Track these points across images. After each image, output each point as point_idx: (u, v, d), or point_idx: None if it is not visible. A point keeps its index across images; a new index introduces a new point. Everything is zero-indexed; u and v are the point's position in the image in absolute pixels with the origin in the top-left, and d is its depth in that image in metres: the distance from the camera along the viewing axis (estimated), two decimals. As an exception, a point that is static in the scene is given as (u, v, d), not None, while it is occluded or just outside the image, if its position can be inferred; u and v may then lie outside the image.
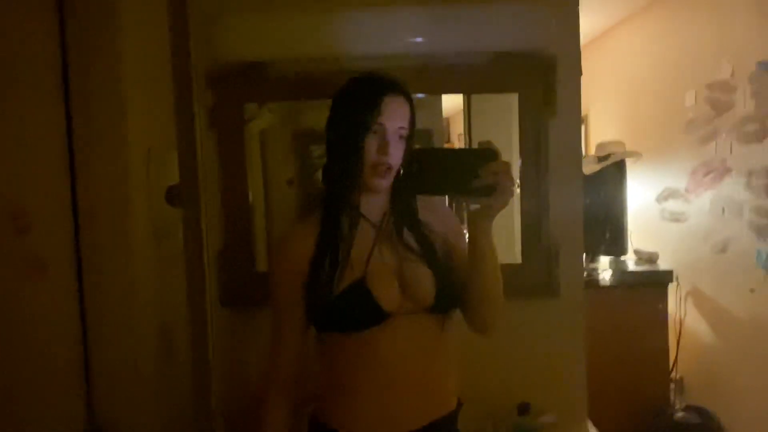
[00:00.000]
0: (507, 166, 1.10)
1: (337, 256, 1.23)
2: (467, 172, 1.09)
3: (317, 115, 2.42)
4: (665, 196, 3.70)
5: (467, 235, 1.22)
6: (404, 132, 1.24)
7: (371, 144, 1.21)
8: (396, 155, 1.23)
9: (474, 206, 1.16)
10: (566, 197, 1.99)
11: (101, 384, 1.55)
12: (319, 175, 2.34)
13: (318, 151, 2.34)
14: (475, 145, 2.25)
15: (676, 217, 3.68)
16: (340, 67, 1.87)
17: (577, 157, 2.04)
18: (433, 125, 2.29)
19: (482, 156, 1.11)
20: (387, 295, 1.21)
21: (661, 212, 3.75)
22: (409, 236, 1.29)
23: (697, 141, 3.42)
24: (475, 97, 2.24)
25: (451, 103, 2.32)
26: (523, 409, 1.69)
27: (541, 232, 1.97)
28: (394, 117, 1.22)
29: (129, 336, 1.56)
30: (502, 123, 2.12)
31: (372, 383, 1.23)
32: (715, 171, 3.31)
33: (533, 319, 1.94)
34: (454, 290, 1.27)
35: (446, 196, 1.57)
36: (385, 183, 1.23)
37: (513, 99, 1.99)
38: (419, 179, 1.14)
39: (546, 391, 1.95)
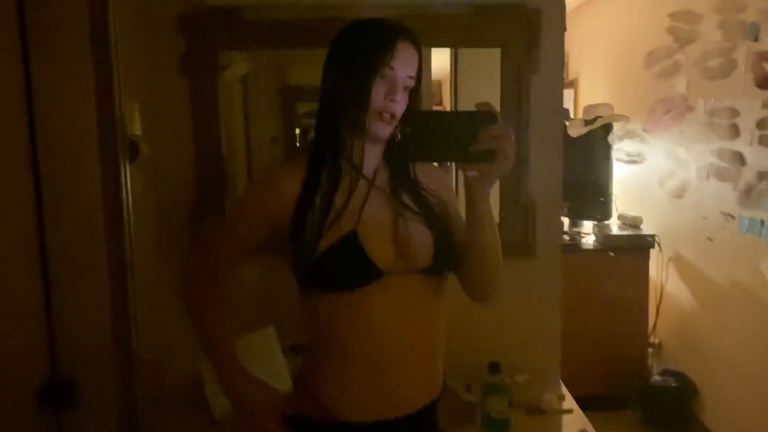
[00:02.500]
0: (508, 129, 1.03)
1: (326, 204, 1.15)
2: (465, 136, 1.01)
3: (303, 70, 2.38)
4: (621, 135, 3.64)
5: (465, 202, 1.14)
6: (411, 82, 1.17)
7: (379, 88, 1.14)
8: (401, 104, 1.16)
9: (472, 173, 1.08)
10: (546, 155, 1.96)
11: (63, 332, 1.52)
12: (302, 131, 2.35)
13: (303, 108, 2.29)
14: (464, 106, 2.20)
15: (632, 159, 3.63)
16: (320, 15, 1.81)
17: (558, 114, 1.99)
18: (422, 86, 2.22)
19: (481, 119, 1.02)
20: (380, 251, 1.14)
21: (616, 152, 3.71)
22: (404, 193, 1.22)
23: (657, 75, 3.31)
24: (462, 57, 2.18)
25: (441, 64, 2.25)
26: (494, 368, 1.67)
27: (519, 190, 1.94)
28: (404, 64, 1.15)
29: (92, 283, 1.53)
30: (490, 83, 2.06)
31: (362, 351, 1.16)
32: (675, 109, 3.21)
33: (509, 278, 1.87)
34: (453, 249, 1.20)
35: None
36: (386, 132, 1.16)
37: (498, 57, 1.94)
38: (413, 145, 1.07)
39: (519, 351, 1.95)
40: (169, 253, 1.91)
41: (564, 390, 1.93)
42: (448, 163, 1.55)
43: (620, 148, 3.65)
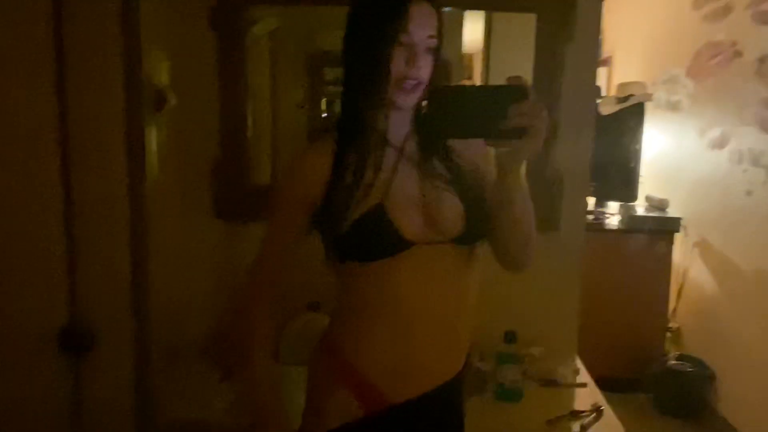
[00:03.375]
0: (540, 106, 0.97)
1: (354, 180, 1.13)
2: (494, 112, 0.96)
3: (331, 35, 2.35)
4: (664, 80, 3.51)
5: (496, 176, 1.09)
6: (433, 43, 1.11)
7: (398, 57, 1.09)
8: (425, 69, 1.11)
9: (502, 149, 1.03)
10: (576, 129, 1.92)
11: (84, 280, 1.54)
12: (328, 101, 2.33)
13: (330, 74, 2.27)
14: (496, 81, 2.15)
15: (672, 106, 3.52)
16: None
17: (591, 86, 1.95)
18: (453, 57, 2.17)
19: (511, 94, 0.96)
20: (408, 222, 1.11)
21: (656, 101, 3.60)
22: (435, 161, 1.18)
23: (705, 17, 3.15)
24: (495, 29, 2.12)
25: (474, 37, 2.19)
26: (510, 337, 1.67)
27: (546, 163, 1.90)
28: (422, 26, 1.09)
29: (113, 234, 1.54)
30: (522, 57, 2.01)
31: (390, 319, 1.14)
32: (722, 54, 3.07)
33: (530, 251, 1.90)
34: (484, 220, 1.16)
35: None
36: (411, 100, 1.12)
37: (532, 30, 1.89)
38: (439, 121, 1.02)
39: (536, 323, 1.93)
40: (189, 208, 1.92)
41: (579, 364, 1.92)
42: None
43: (661, 96, 3.52)
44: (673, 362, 3.36)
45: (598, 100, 3.71)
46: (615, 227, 3.54)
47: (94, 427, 1.57)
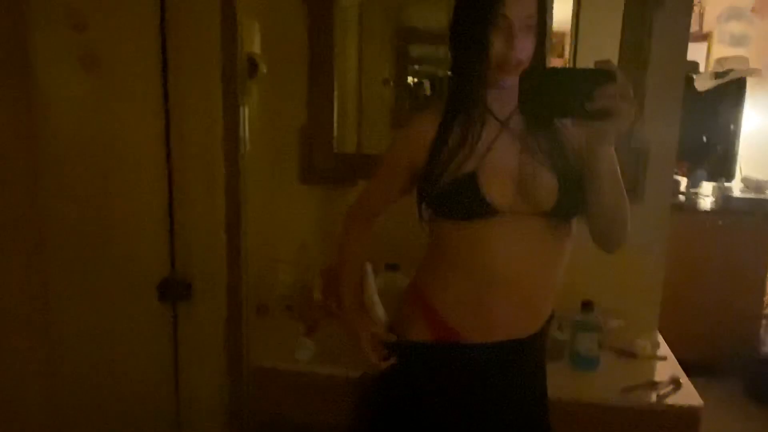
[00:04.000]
0: (626, 88, 0.99)
1: (454, 148, 1.19)
2: (580, 94, 0.99)
3: (418, 12, 2.38)
4: (727, 16, 3.35)
5: (586, 155, 1.12)
6: (532, 21, 1.13)
7: (497, 38, 1.12)
8: (526, 48, 1.14)
9: (589, 130, 1.06)
10: (664, 99, 1.87)
11: (183, 235, 1.66)
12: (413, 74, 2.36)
13: (417, 51, 2.31)
14: (584, 60, 2.11)
15: (737, 42, 3.35)
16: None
17: (681, 55, 1.89)
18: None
19: (598, 77, 0.99)
20: (498, 191, 1.16)
21: (719, 34, 3.43)
22: (538, 136, 1.21)
23: None
24: (584, 7, 2.08)
25: (563, 17, 2.16)
26: (587, 306, 1.66)
27: (631, 134, 1.87)
28: (518, 6, 1.11)
29: (210, 191, 1.65)
30: (611, 37, 1.96)
31: (477, 275, 1.21)
32: None
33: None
34: (578, 197, 1.18)
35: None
36: (512, 79, 1.13)
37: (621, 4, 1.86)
38: (530, 101, 1.04)
39: (618, 295, 1.91)
40: (277, 172, 2.02)
41: (660, 339, 1.89)
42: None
43: (724, 30, 3.38)
44: (767, 349, 3.21)
45: (695, 76, 3.55)
46: (708, 208, 3.39)
47: (189, 370, 1.71)
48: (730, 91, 3.46)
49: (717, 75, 3.43)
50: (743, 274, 3.34)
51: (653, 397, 1.55)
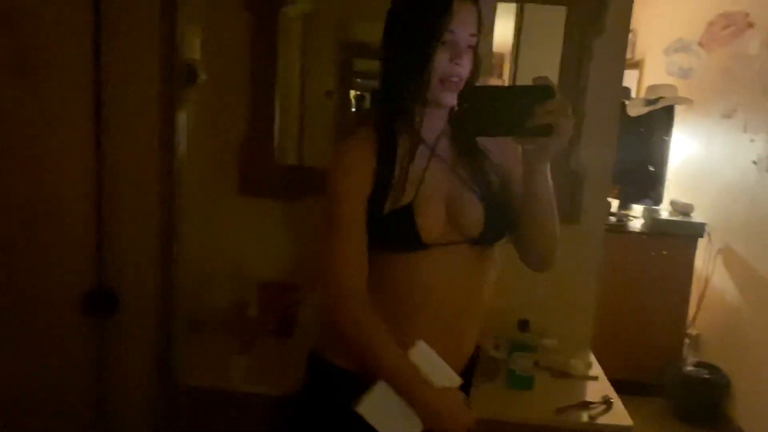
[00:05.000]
0: (565, 104, 1.00)
1: (393, 176, 1.16)
2: (521, 111, 1.00)
3: (363, 27, 2.38)
4: (675, 48, 3.54)
5: (523, 174, 1.13)
6: (473, 41, 1.14)
7: (442, 54, 1.11)
8: (466, 66, 1.14)
9: (529, 147, 1.07)
10: (601, 123, 1.92)
11: (112, 246, 1.59)
12: (356, 88, 2.35)
13: (361, 65, 2.30)
14: (524, 80, 2.14)
15: (684, 74, 3.54)
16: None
17: (618, 81, 1.95)
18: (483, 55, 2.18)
19: (538, 94, 1.00)
20: (431, 224, 1.15)
21: (668, 66, 3.61)
22: (464, 161, 1.22)
23: None
24: (525, 29, 2.12)
25: (503, 39, 2.19)
26: (523, 325, 1.68)
27: (568, 156, 1.91)
28: (465, 23, 1.11)
29: (142, 202, 1.59)
30: (551, 57, 2.01)
31: (403, 309, 1.18)
32: (735, 25, 3.10)
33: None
34: (502, 223, 1.20)
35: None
36: (453, 97, 1.14)
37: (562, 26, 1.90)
38: (470, 120, 1.05)
39: (551, 315, 1.94)
40: (216, 183, 1.97)
41: (592, 359, 1.92)
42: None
43: (673, 60, 3.56)
44: (690, 368, 3.34)
45: (627, 102, 3.69)
46: (638, 230, 3.52)
47: (115, 388, 1.63)
48: (660, 117, 3.61)
49: (648, 102, 3.57)
50: (669, 294, 3.47)
51: (586, 417, 1.58)
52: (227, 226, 2.01)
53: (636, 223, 3.58)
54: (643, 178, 3.65)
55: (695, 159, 3.77)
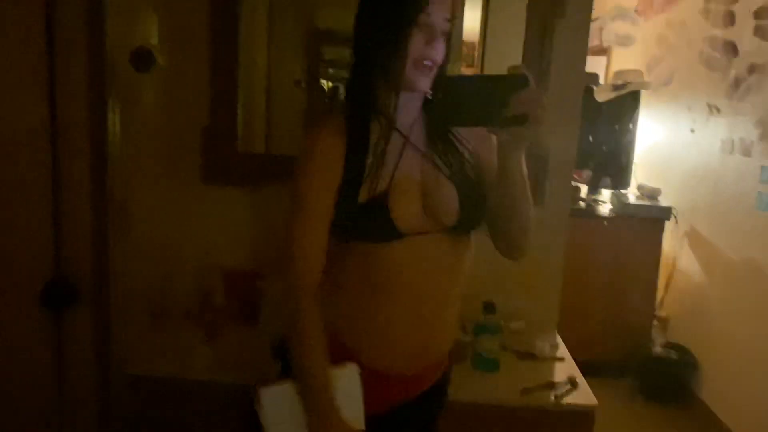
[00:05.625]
0: (539, 93, 1.01)
1: (367, 165, 1.14)
2: (496, 101, 0.99)
3: (332, 13, 2.35)
4: (613, 17, 3.59)
5: (498, 163, 1.12)
6: (448, 26, 1.12)
7: (417, 37, 1.09)
8: (441, 51, 1.12)
9: (504, 137, 1.06)
10: (565, 104, 1.93)
11: (70, 238, 1.56)
12: (327, 77, 2.33)
13: (330, 53, 2.27)
14: (492, 68, 2.14)
15: (621, 41, 3.59)
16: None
17: (581, 65, 1.95)
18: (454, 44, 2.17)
19: (513, 83, 0.99)
20: (407, 213, 1.14)
21: (605, 34, 3.68)
22: (438, 149, 1.20)
23: None
24: (492, 16, 2.12)
25: (471, 25, 2.18)
26: (489, 308, 1.68)
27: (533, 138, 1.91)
28: (440, 6, 1.10)
29: (98, 195, 1.55)
30: (519, 44, 2.01)
31: (379, 301, 1.17)
32: None
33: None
34: (478, 211, 1.20)
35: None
36: (427, 82, 1.13)
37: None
38: (444, 110, 1.05)
39: (517, 297, 1.95)
40: (178, 170, 1.94)
41: (559, 340, 1.94)
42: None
43: (611, 29, 3.63)
44: (659, 349, 3.39)
45: (595, 88, 3.72)
46: (606, 214, 3.55)
47: (73, 379, 1.60)
48: (627, 102, 3.64)
49: (615, 87, 3.60)
50: (637, 277, 3.52)
51: (551, 398, 1.59)
52: (191, 215, 1.99)
53: (605, 208, 3.62)
54: (612, 163, 3.68)
55: (662, 143, 3.82)
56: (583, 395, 1.62)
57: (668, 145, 3.74)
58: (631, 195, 3.70)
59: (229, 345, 1.75)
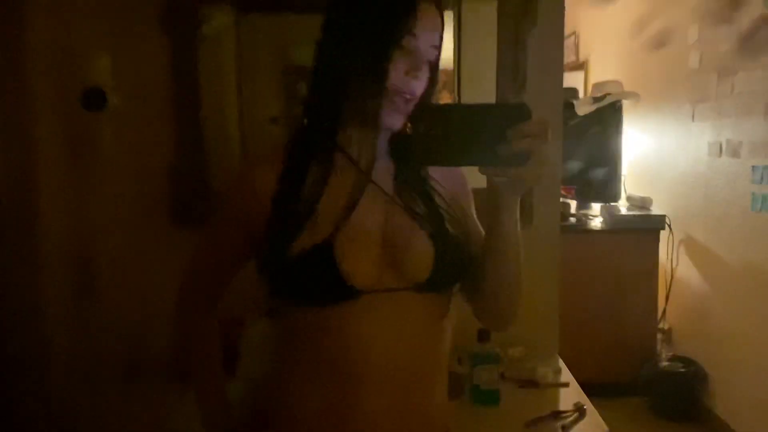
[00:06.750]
0: (544, 126, 0.80)
1: (303, 205, 0.93)
2: (492, 135, 0.81)
3: (309, 49, 2.29)
4: None
5: (488, 211, 0.92)
6: (434, 54, 0.94)
7: (398, 63, 0.90)
8: (423, 82, 0.93)
9: (499, 179, 0.86)
10: (544, 116, 1.84)
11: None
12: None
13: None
14: (469, 94, 2.07)
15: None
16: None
17: (557, 74, 1.89)
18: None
19: (511, 114, 0.81)
20: (360, 266, 0.92)
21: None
22: (408, 190, 0.99)
23: None
24: (466, 44, 2.06)
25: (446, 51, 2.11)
26: (484, 335, 1.58)
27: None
28: (428, 30, 0.92)
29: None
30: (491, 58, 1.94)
31: (336, 380, 0.93)
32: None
33: (503, 247, 1.82)
34: (456, 266, 0.97)
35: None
36: (400, 120, 0.93)
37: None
38: (427, 147, 0.84)
39: (515, 322, 1.84)
40: (145, 212, 1.84)
41: (561, 364, 1.83)
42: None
43: None
44: (666, 363, 3.28)
45: (575, 102, 3.67)
46: (598, 228, 3.47)
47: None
48: (609, 114, 3.59)
49: (595, 99, 3.55)
50: (636, 290, 3.42)
51: (558, 429, 1.48)
52: (163, 260, 1.88)
53: (596, 222, 3.54)
54: (599, 176, 3.62)
55: (649, 152, 3.77)
56: (593, 423, 1.50)
57: (655, 154, 3.69)
58: (623, 207, 3.63)
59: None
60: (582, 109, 3.54)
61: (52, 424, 1.43)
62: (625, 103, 3.64)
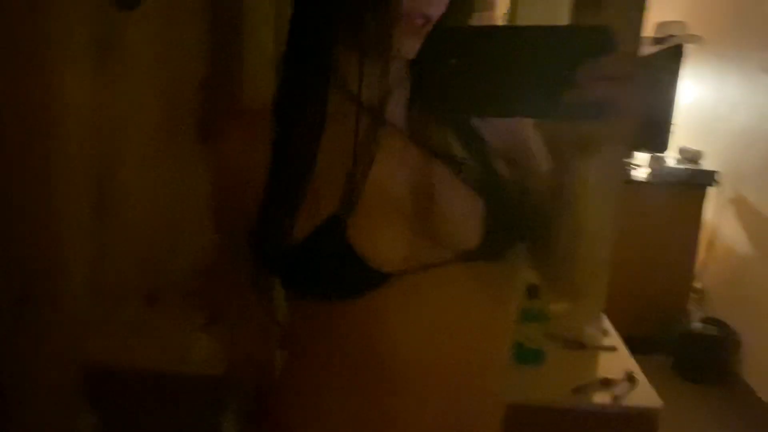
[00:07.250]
0: (631, 64, 0.58)
1: (301, 170, 0.70)
2: (556, 74, 0.56)
3: None
4: None
5: (551, 171, 0.70)
6: None
7: None
8: (439, 5, 0.67)
9: (570, 135, 0.63)
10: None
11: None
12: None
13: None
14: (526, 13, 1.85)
15: None
16: None
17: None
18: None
19: (586, 42, 0.56)
20: (383, 241, 0.70)
21: None
22: (441, 134, 0.74)
23: None
24: None
25: None
26: (533, 291, 1.46)
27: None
28: None
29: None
30: None
31: (362, 385, 0.73)
32: None
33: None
34: (516, 221, 0.73)
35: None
36: (416, 47, 0.67)
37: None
38: (463, 88, 0.60)
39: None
40: (172, 132, 1.71)
41: (608, 325, 1.71)
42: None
43: None
44: (697, 324, 3.17)
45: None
46: (643, 179, 3.29)
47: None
48: (669, 57, 3.34)
49: (656, 40, 3.30)
50: (674, 245, 3.28)
51: (608, 398, 1.36)
52: (190, 181, 1.75)
53: (641, 172, 3.35)
54: (650, 124, 3.40)
55: (706, 102, 3.53)
56: (645, 395, 1.39)
57: (712, 105, 3.45)
58: (671, 159, 3.43)
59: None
60: (642, 50, 3.29)
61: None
62: (687, 46, 3.37)
